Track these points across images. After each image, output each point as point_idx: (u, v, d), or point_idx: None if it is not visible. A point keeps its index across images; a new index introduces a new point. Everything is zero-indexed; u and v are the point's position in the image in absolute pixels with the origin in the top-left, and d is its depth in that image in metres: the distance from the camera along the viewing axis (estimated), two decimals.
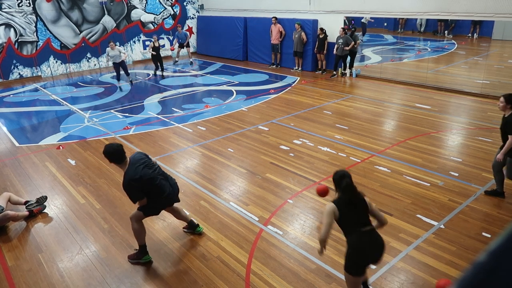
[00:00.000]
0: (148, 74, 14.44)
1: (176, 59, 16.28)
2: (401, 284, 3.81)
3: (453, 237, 4.49)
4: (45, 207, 5.45)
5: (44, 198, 5.53)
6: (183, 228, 4.81)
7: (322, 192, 3.68)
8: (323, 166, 6.42)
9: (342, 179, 3.19)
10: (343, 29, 11.96)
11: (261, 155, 6.93)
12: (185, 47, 15.65)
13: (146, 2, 16.69)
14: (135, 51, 16.81)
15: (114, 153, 3.94)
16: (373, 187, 5.66)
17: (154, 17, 17.08)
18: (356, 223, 3.14)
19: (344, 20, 12.75)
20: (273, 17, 13.98)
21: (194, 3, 18.14)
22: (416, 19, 18.67)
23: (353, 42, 11.96)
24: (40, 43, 14.41)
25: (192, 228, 4.74)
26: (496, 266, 0.56)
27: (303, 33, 13.03)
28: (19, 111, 10.44)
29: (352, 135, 7.70)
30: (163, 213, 5.20)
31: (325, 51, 12.86)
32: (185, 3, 17.85)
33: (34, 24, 14.15)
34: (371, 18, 15.67)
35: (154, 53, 13.33)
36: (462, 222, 4.76)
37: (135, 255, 4.28)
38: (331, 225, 3.09)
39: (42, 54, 14.52)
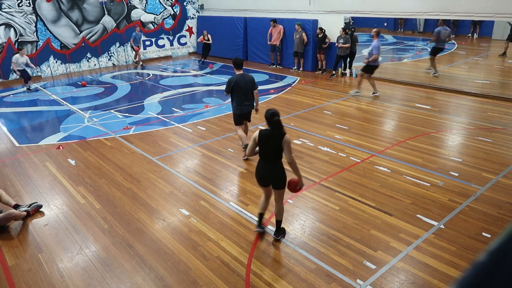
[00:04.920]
0: (148, 74, 14.44)
1: (141, 63, 15.88)
2: (401, 284, 3.81)
3: (453, 237, 4.49)
4: (41, 206, 5.41)
5: (38, 206, 5.38)
6: None
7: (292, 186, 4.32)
8: (323, 166, 6.42)
9: (273, 117, 4.10)
10: (343, 29, 11.96)
11: None
12: (135, 50, 15.45)
13: (146, 2, 16.70)
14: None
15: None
16: (373, 187, 5.66)
17: (154, 17, 17.09)
18: (266, 155, 4.25)
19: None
20: (272, 21, 13.92)
21: (194, 3, 18.14)
22: (416, 19, 18.68)
23: (349, 43, 11.95)
24: (40, 43, 14.42)
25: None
26: (496, 266, 0.56)
27: (304, 34, 13.03)
28: (19, 111, 10.45)
29: (352, 135, 7.70)
30: (163, 213, 5.21)
31: (324, 46, 12.81)
32: (185, 3, 17.85)
33: (34, 24, 14.15)
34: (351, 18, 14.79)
35: (208, 42, 15.28)
36: (462, 222, 4.76)
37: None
38: (253, 147, 4.30)
39: (42, 54, 14.53)
